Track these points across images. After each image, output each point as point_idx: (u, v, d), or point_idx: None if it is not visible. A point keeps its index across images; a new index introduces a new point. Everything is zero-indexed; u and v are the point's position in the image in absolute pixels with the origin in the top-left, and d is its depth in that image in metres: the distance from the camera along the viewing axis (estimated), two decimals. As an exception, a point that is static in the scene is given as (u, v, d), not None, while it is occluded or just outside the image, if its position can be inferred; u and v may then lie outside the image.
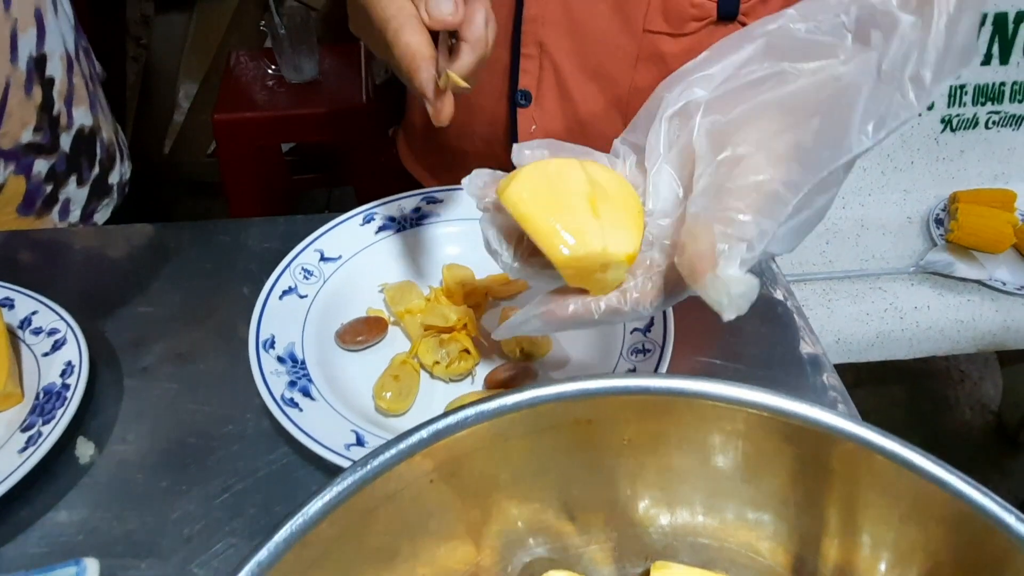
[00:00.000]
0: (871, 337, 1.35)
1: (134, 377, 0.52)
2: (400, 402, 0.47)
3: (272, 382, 0.46)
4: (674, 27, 0.61)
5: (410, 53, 0.40)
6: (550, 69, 0.65)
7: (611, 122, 0.67)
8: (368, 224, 0.58)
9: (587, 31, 0.62)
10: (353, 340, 0.51)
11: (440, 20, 0.41)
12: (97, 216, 0.87)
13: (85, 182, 0.84)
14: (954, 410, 1.78)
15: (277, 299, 0.51)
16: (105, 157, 0.86)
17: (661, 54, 0.62)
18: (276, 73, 1.66)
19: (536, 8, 0.61)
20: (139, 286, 0.59)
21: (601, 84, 0.65)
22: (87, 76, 0.84)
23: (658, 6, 0.60)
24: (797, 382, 0.51)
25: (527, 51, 0.64)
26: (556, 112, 0.67)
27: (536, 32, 0.63)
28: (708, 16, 0.60)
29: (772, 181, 0.35)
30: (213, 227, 0.65)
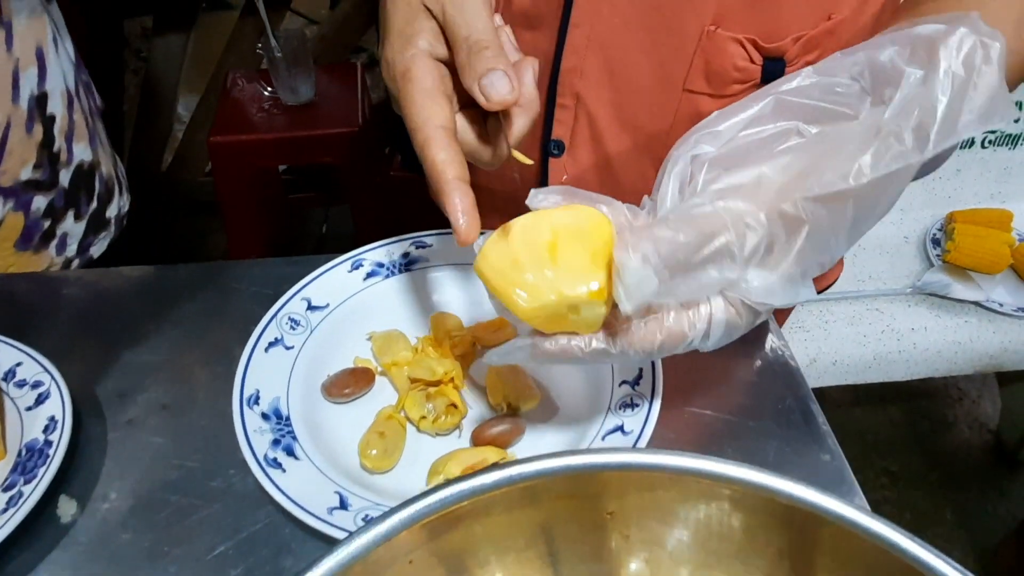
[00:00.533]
0: (868, 359, 1.34)
1: (118, 429, 0.52)
2: (385, 460, 0.47)
3: (256, 442, 0.45)
4: (715, 88, 0.59)
5: (436, 172, 0.39)
6: (585, 120, 0.63)
7: (644, 176, 0.66)
8: (356, 270, 0.58)
9: (626, 85, 0.61)
10: (340, 393, 0.51)
11: (500, 102, 0.40)
12: (93, 249, 0.87)
13: (83, 216, 0.84)
14: (952, 429, 1.77)
15: (263, 352, 0.51)
16: (104, 191, 0.87)
17: (700, 113, 0.60)
18: (272, 95, 1.66)
19: (575, 59, 0.60)
20: (127, 333, 0.59)
21: (636, 138, 0.64)
22: (87, 111, 0.84)
23: (700, 67, 0.58)
24: (787, 433, 0.51)
25: (563, 101, 0.63)
26: (589, 164, 0.66)
27: (573, 83, 0.61)
28: (751, 79, 0.59)
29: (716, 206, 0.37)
30: (205, 270, 0.65)
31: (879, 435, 1.76)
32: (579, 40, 0.59)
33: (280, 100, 1.64)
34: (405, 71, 0.41)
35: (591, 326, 0.39)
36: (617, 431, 0.46)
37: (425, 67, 0.41)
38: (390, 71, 0.42)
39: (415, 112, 0.40)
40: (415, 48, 0.41)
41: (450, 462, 0.45)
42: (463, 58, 0.41)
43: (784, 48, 0.57)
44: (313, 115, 1.63)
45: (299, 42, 1.58)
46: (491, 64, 0.40)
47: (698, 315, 0.38)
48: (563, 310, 0.38)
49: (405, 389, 0.51)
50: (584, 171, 0.67)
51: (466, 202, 0.39)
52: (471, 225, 0.39)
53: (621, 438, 0.46)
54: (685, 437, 0.51)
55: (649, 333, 0.38)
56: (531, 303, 0.38)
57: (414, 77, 0.41)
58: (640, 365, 0.49)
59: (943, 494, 1.63)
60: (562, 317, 0.39)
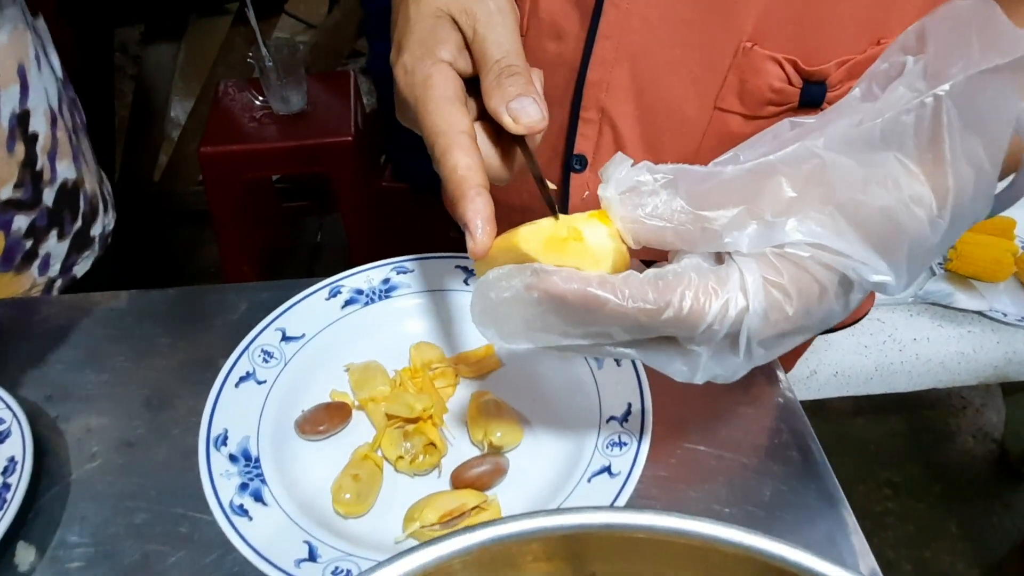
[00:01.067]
0: (870, 370, 1.32)
1: (81, 468, 0.50)
2: (359, 504, 0.44)
3: (221, 487, 0.43)
4: (749, 109, 0.56)
5: (457, 178, 0.37)
6: (609, 135, 0.61)
7: None
8: (334, 298, 0.56)
9: (654, 100, 0.58)
10: (314, 430, 0.48)
11: (528, 127, 0.38)
12: (77, 268, 0.85)
13: (66, 236, 0.82)
14: (955, 439, 1.75)
15: (233, 387, 0.49)
16: (88, 210, 0.85)
17: (731, 134, 0.58)
18: (264, 104, 1.64)
19: (601, 72, 0.57)
20: (95, 363, 0.57)
21: (662, 156, 0.60)
22: (71, 129, 0.82)
23: (734, 85, 0.55)
24: (784, 471, 0.48)
25: (587, 115, 0.60)
26: None
27: (598, 97, 0.58)
28: (788, 103, 0.55)
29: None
30: (180, 296, 0.63)
31: (881, 446, 1.73)
32: (607, 52, 0.56)
33: (272, 110, 1.62)
34: (426, 78, 0.39)
35: (598, 261, 0.34)
36: (604, 472, 0.44)
37: (447, 76, 0.40)
38: (409, 78, 0.40)
39: (438, 117, 0.38)
40: (437, 57, 0.40)
41: (426, 508, 0.42)
42: (491, 80, 0.39)
43: (826, 72, 0.54)
44: (305, 125, 1.61)
45: (290, 51, 1.56)
46: (522, 90, 0.38)
47: (728, 270, 0.33)
48: (563, 234, 0.35)
49: (382, 427, 0.48)
50: None
51: (486, 210, 0.36)
52: (488, 233, 0.36)
53: (608, 481, 0.43)
54: (677, 475, 0.48)
55: (671, 283, 0.32)
56: (527, 228, 0.35)
57: (435, 84, 0.39)
58: (669, 362, 0.36)
59: (947, 506, 1.60)
60: (564, 244, 0.35)
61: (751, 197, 0.33)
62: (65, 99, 0.82)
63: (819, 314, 0.34)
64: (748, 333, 0.33)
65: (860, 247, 0.33)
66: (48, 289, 0.81)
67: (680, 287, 0.32)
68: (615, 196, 0.34)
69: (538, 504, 0.44)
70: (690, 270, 0.33)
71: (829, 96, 0.55)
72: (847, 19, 0.52)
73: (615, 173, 0.35)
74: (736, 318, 0.33)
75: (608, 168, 0.35)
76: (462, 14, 0.40)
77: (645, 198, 0.34)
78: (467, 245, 0.36)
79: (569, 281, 0.33)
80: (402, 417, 0.48)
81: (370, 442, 0.48)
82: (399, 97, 0.41)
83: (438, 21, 0.40)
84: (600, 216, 0.35)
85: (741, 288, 0.32)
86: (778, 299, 0.33)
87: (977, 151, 0.33)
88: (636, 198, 0.34)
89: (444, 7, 0.40)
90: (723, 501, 0.47)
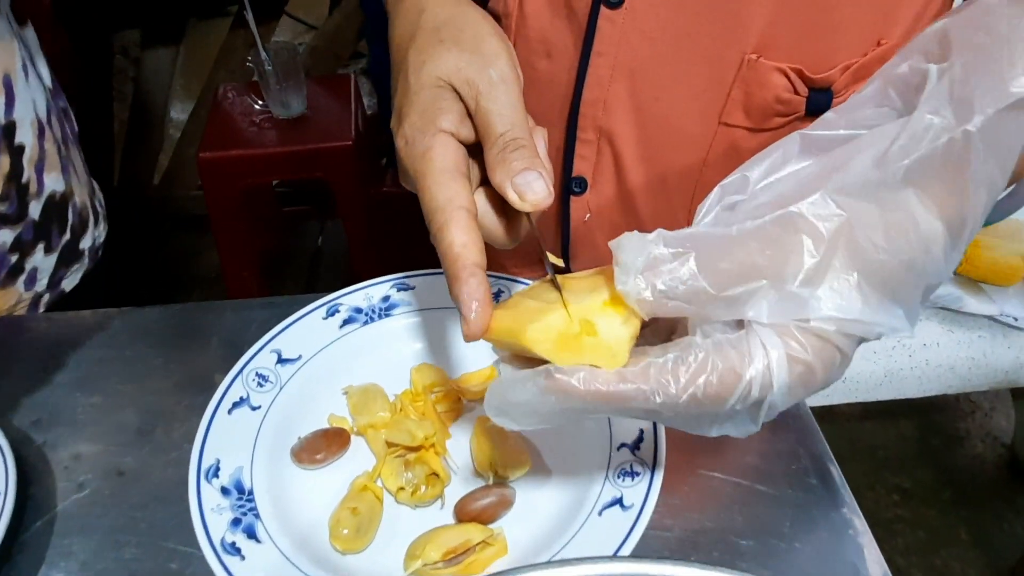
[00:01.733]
0: (879, 376, 1.30)
1: (68, 499, 0.48)
2: (358, 540, 0.42)
3: (212, 524, 0.41)
4: (755, 122, 0.54)
5: (452, 256, 0.35)
6: (609, 156, 0.58)
7: (673, 217, 0.61)
8: (332, 317, 0.53)
9: (655, 118, 0.55)
10: (310, 459, 0.46)
11: (534, 204, 0.36)
12: (65, 283, 0.83)
13: (54, 249, 0.80)
14: (965, 443, 1.72)
15: (226, 414, 0.47)
16: (77, 222, 0.82)
17: (736, 148, 0.56)
18: (264, 108, 1.62)
19: (598, 90, 0.55)
20: (83, 387, 0.55)
21: (666, 175, 0.58)
22: (60, 140, 0.80)
23: (739, 99, 0.53)
24: (804, 498, 0.46)
25: (584, 136, 0.57)
26: (613, 203, 0.61)
27: (596, 116, 0.56)
28: (795, 112, 0.54)
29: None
30: (172, 313, 0.61)
31: (890, 451, 1.71)
32: (603, 70, 0.54)
33: (271, 114, 1.60)
34: (426, 151, 0.38)
35: (615, 356, 0.32)
36: (616, 505, 0.42)
37: (447, 147, 0.38)
38: (409, 149, 0.39)
39: (436, 192, 0.36)
40: (438, 127, 0.38)
41: (429, 544, 0.40)
42: (495, 154, 0.37)
43: (832, 78, 0.52)
44: (305, 129, 1.59)
45: (290, 54, 1.54)
46: (527, 163, 0.36)
47: (750, 348, 0.31)
48: (576, 329, 0.33)
49: (382, 455, 0.46)
50: (608, 211, 0.61)
51: (481, 291, 0.35)
52: (482, 317, 0.35)
53: (620, 514, 0.41)
54: (691, 504, 0.46)
55: (693, 372, 0.31)
56: (536, 321, 0.33)
57: (434, 156, 0.37)
58: (687, 425, 0.35)
59: (957, 512, 1.57)
60: (577, 342, 0.33)
61: (773, 263, 0.31)
62: (54, 109, 0.80)
63: (835, 377, 0.33)
64: (768, 407, 0.32)
65: (883, 309, 0.31)
66: (35, 304, 0.79)
67: (703, 375, 0.31)
68: (633, 287, 0.32)
69: (546, 539, 0.42)
70: (711, 351, 0.31)
71: (834, 103, 0.53)
72: (849, 23, 0.51)
73: (630, 260, 0.32)
74: (759, 397, 0.31)
75: (621, 252, 0.32)
76: (464, 85, 0.38)
77: (663, 278, 0.31)
78: (461, 328, 0.35)
79: (588, 383, 0.32)
80: (403, 445, 0.46)
81: (369, 471, 0.46)
82: (400, 165, 0.40)
83: (439, 91, 0.39)
84: (613, 304, 0.33)
85: (765, 368, 0.31)
86: (802, 375, 0.31)
87: (994, 173, 0.31)
88: (653, 278, 0.31)
89: (445, 77, 0.39)
90: (740, 532, 0.45)
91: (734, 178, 0.36)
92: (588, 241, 0.63)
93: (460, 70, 0.38)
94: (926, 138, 0.30)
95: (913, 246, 0.31)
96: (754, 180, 0.36)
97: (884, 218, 0.31)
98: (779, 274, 0.31)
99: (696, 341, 0.32)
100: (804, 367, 0.31)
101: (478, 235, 0.36)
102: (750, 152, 0.56)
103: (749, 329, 0.31)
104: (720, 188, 0.36)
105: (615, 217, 0.61)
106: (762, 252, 0.31)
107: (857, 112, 0.36)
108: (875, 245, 0.31)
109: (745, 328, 0.31)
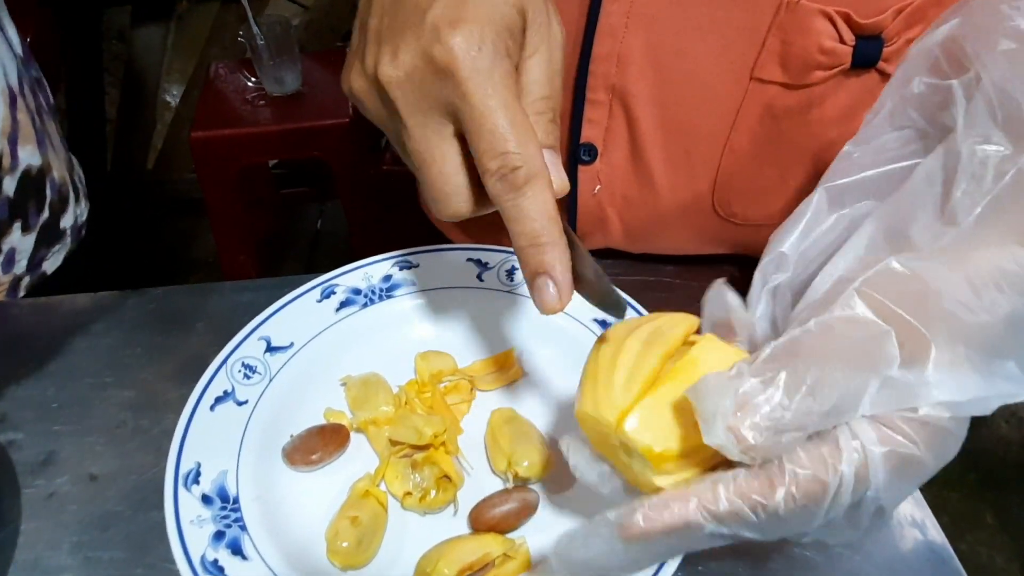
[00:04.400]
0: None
1: (35, 507, 0.42)
2: (359, 554, 0.37)
3: (191, 538, 0.35)
4: (793, 77, 0.48)
5: (550, 216, 0.31)
6: (622, 119, 0.52)
7: (694, 191, 0.54)
8: (327, 299, 0.48)
9: (677, 75, 0.49)
10: (305, 460, 0.41)
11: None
12: (47, 264, 0.78)
13: (32, 228, 0.74)
14: (989, 424, 1.67)
15: (207, 410, 0.41)
16: (56, 199, 0.77)
17: (770, 108, 0.49)
18: (257, 86, 1.56)
19: (610, 44, 0.48)
20: (56, 378, 0.49)
21: (686, 142, 0.52)
22: (34, 111, 0.74)
23: (775, 49, 0.47)
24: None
25: (594, 96, 0.51)
26: (626, 173, 0.54)
27: (608, 73, 0.50)
28: (839, 64, 0.47)
29: None
30: (154, 299, 0.55)
31: (910, 434, 1.66)
32: (616, 19, 0.47)
33: (265, 91, 1.54)
34: (508, 74, 0.31)
35: (644, 485, 0.29)
36: (655, 511, 0.36)
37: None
38: (481, 56, 0.31)
39: (527, 131, 0.30)
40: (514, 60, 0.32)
41: (441, 560, 0.35)
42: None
43: (883, 23, 0.46)
44: (300, 106, 1.54)
45: (283, 28, 1.48)
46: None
47: (839, 448, 0.26)
48: (609, 437, 0.29)
49: (385, 456, 0.41)
50: (621, 182, 0.55)
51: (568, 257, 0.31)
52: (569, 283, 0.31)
53: (661, 522, 0.36)
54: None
55: (766, 484, 0.26)
56: (583, 405, 0.30)
57: (515, 87, 0.32)
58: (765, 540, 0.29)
59: (982, 495, 1.53)
60: (612, 447, 0.30)
61: (867, 354, 0.26)
62: (27, 79, 0.74)
63: (948, 459, 0.28)
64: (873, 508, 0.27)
65: (999, 376, 0.27)
66: (14, 287, 0.73)
67: (783, 487, 0.26)
68: (728, 439, 0.26)
69: (576, 551, 0.36)
70: (795, 463, 0.26)
71: (886, 52, 0.47)
72: None
73: (716, 406, 0.26)
74: (855, 500, 0.26)
75: (701, 402, 0.26)
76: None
77: (762, 411, 0.26)
78: (544, 299, 0.31)
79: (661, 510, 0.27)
80: (409, 444, 0.40)
81: (371, 473, 0.41)
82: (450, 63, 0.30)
83: (512, 11, 0.32)
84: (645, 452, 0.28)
85: (859, 467, 0.26)
86: (908, 467, 0.27)
87: None
88: (751, 418, 0.26)
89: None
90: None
91: (770, 258, 0.33)
92: (598, 217, 0.57)
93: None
94: (987, 176, 0.27)
95: (1008, 296, 0.27)
96: (790, 252, 0.33)
97: (967, 276, 0.27)
98: (875, 365, 0.26)
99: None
100: (914, 464, 0.27)
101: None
102: (786, 112, 0.50)
103: (840, 427, 0.27)
104: (759, 273, 0.33)
105: (628, 190, 0.55)
106: (853, 346, 0.26)
107: (877, 142, 0.33)
108: (968, 308, 0.26)
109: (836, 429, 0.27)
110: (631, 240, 0.58)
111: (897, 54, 0.47)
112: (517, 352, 0.47)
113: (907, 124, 0.33)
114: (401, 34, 0.30)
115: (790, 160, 0.52)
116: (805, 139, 0.51)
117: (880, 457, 0.26)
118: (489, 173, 0.30)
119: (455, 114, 0.30)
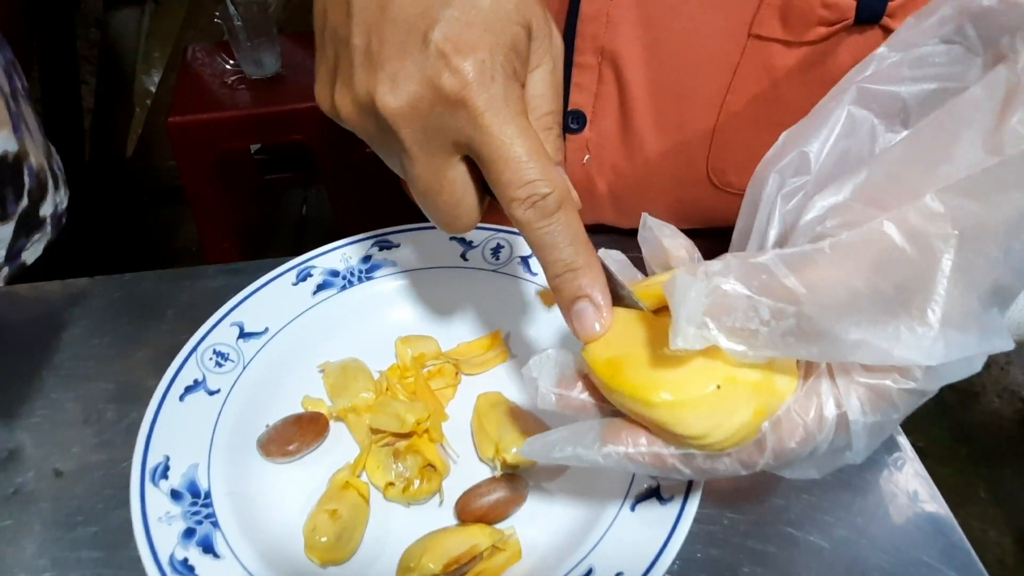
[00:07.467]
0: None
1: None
2: (339, 549, 0.35)
3: (158, 537, 0.33)
4: (793, 33, 0.45)
5: (582, 240, 0.30)
6: (612, 83, 0.49)
7: (688, 158, 0.52)
8: (303, 282, 0.46)
9: (670, 33, 0.47)
10: (281, 451, 0.39)
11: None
12: (26, 254, 0.75)
13: (10, 217, 0.71)
14: (981, 399, 1.67)
15: (177, 401, 0.39)
16: (35, 186, 0.74)
17: (770, 67, 0.47)
18: (236, 68, 1.53)
19: (599, 2, 0.46)
20: (21, 371, 0.47)
21: (680, 106, 0.50)
22: (8, 94, 0.71)
23: (775, 3, 0.44)
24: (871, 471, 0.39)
25: (582, 59, 0.48)
26: (616, 141, 0.52)
27: (597, 34, 0.47)
28: (843, 18, 0.45)
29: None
30: (122, 285, 0.53)
31: (903, 408, 1.66)
32: None
33: (244, 74, 1.51)
34: (519, 99, 0.30)
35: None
36: (652, 497, 0.34)
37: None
38: (493, 84, 0.29)
39: (547, 163, 0.28)
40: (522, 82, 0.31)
41: (426, 553, 0.33)
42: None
43: None
44: (280, 89, 1.50)
45: (260, 9, 1.44)
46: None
47: (819, 399, 0.26)
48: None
49: (366, 445, 0.39)
50: (611, 151, 0.52)
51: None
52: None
53: (658, 508, 0.34)
54: (744, 483, 0.39)
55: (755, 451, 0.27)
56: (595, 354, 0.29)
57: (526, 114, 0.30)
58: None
59: (975, 470, 1.52)
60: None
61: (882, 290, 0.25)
62: (1, 61, 0.71)
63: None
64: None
65: (992, 332, 0.25)
66: None
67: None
68: (694, 336, 0.24)
69: (568, 541, 0.35)
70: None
71: (890, 7, 0.44)
72: None
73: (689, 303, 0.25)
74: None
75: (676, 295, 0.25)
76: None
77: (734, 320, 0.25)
78: (584, 323, 0.29)
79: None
80: (391, 432, 0.38)
81: (352, 464, 0.39)
82: (463, 88, 0.27)
83: (519, 31, 0.30)
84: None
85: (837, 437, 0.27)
86: (882, 435, 0.27)
87: None
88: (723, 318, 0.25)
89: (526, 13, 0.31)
90: (796, 521, 0.37)
91: (790, 157, 0.30)
92: (587, 190, 0.55)
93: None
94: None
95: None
96: (814, 155, 0.30)
97: (1003, 222, 0.24)
98: (889, 305, 0.24)
99: None
100: (889, 424, 0.27)
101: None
102: (786, 72, 0.48)
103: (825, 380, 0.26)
104: (777, 174, 0.30)
105: (618, 159, 0.53)
106: (867, 275, 0.24)
107: (919, 51, 0.30)
108: (990, 260, 0.25)
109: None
110: (621, 214, 0.56)
111: (902, 9, 0.44)
112: (504, 334, 0.45)
113: (957, 39, 0.30)
114: (399, 59, 0.28)
115: (789, 123, 0.50)
116: (805, 101, 0.48)
117: (864, 428, 0.26)
118: (517, 202, 0.28)
119: (468, 144, 0.28)
